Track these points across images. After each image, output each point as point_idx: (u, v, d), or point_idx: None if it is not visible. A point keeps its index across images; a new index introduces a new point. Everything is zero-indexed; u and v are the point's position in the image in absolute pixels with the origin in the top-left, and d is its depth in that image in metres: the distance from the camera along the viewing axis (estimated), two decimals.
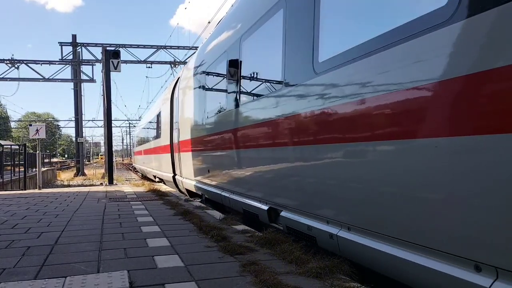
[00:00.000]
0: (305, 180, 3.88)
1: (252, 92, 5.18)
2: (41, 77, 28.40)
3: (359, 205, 3.05)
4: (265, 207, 4.84)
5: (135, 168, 33.29)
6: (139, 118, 47.55)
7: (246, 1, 5.87)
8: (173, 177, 11.61)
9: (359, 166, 3.00)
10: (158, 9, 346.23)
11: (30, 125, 12.28)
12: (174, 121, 11.51)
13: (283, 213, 4.37)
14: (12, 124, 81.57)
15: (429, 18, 2.30)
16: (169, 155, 11.96)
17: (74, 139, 33.82)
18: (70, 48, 27.47)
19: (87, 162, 54.37)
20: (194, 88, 8.62)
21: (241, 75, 5.52)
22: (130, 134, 44.21)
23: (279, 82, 4.32)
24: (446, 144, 2.23)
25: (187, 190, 10.02)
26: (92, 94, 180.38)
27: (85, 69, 30.11)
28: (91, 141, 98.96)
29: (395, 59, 2.58)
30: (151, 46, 28.24)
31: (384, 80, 2.68)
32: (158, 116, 15.30)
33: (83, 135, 32.85)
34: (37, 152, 12.12)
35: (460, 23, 2.10)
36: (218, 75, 6.75)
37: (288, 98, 4.09)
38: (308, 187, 3.83)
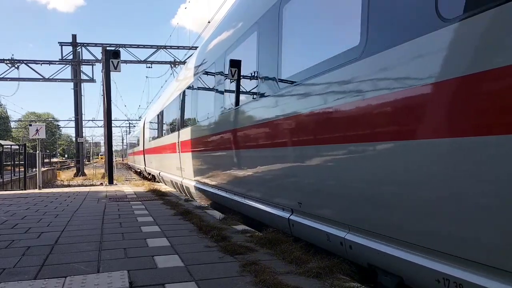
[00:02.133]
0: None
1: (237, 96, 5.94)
2: (41, 77, 28.39)
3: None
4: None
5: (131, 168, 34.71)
6: (139, 118, 47.54)
7: (230, 21, 6.69)
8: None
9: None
10: (160, 9, 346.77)
11: (30, 125, 12.28)
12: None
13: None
14: (12, 124, 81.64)
15: (348, 55, 3.17)
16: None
17: (74, 139, 33.81)
18: (70, 48, 27.47)
19: (87, 162, 54.40)
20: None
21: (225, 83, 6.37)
22: (131, 134, 44.24)
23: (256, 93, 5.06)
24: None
25: None
26: (92, 94, 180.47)
27: (85, 69, 30.15)
28: (91, 141, 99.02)
29: (328, 84, 3.44)
30: (151, 46, 28.23)
31: (321, 97, 3.56)
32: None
33: (83, 135, 32.85)
34: (37, 152, 12.12)
35: (366, 59, 2.94)
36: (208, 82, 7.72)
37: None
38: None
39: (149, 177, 18.12)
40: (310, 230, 3.86)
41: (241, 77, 5.82)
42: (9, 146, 20.60)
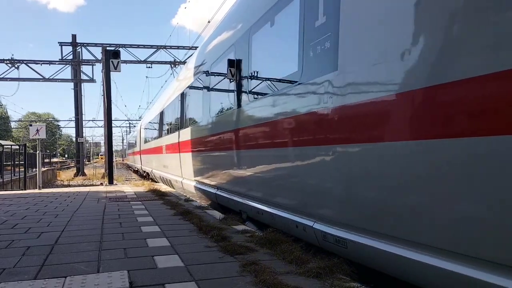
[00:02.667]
0: None
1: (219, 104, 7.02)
2: (41, 77, 28.38)
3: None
4: None
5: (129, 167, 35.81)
6: (139, 117, 47.54)
7: (214, 40, 7.68)
8: None
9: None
10: (161, 9, 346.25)
11: (30, 125, 12.28)
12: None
13: None
14: (12, 124, 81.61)
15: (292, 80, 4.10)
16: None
17: (74, 139, 33.79)
18: (70, 48, 27.46)
19: (87, 162, 54.39)
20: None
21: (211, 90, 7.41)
22: (129, 135, 44.93)
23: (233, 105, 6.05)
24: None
25: None
26: (92, 94, 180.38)
27: (85, 69, 30.13)
28: (91, 141, 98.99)
29: (278, 101, 4.40)
30: (151, 46, 28.22)
31: (273, 111, 4.51)
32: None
33: (83, 135, 32.84)
34: (37, 152, 12.12)
35: (302, 84, 3.85)
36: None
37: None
38: None
39: (144, 174, 21.13)
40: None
41: (221, 90, 6.85)
42: (9, 146, 20.60)
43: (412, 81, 2.49)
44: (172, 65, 28.70)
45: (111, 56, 12.49)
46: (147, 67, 28.92)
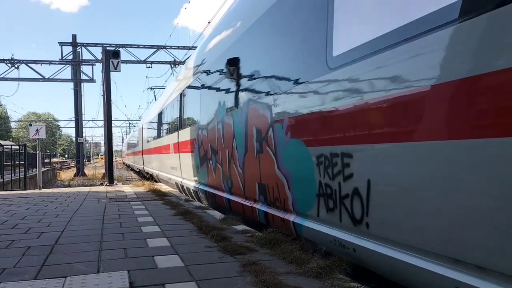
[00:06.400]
0: None
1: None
2: (41, 77, 28.35)
3: None
4: None
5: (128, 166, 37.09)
6: (139, 118, 47.55)
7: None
8: None
9: None
10: (163, 9, 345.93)
11: (30, 125, 12.28)
12: None
13: None
14: (12, 124, 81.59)
15: None
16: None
17: (74, 139, 33.77)
18: (70, 48, 27.45)
19: (87, 162, 54.35)
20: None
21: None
22: (128, 137, 45.90)
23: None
24: None
25: None
26: (92, 94, 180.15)
27: (85, 69, 30.10)
28: (91, 141, 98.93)
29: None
30: (151, 46, 28.21)
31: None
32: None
33: (83, 135, 32.83)
34: (37, 152, 12.12)
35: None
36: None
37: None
38: None
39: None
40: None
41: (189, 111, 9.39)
42: (9, 146, 20.60)
43: None
44: (172, 65, 28.70)
45: (111, 56, 12.49)
46: (147, 67, 28.91)
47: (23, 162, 16.71)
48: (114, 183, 13.60)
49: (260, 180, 4.87)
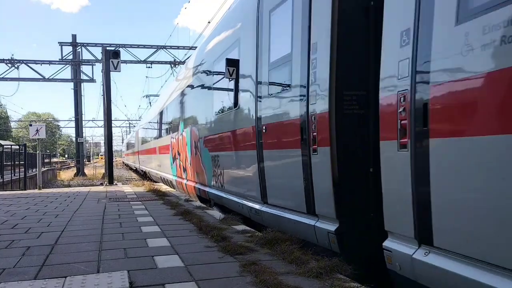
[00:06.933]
0: None
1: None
2: (41, 77, 28.36)
3: None
4: None
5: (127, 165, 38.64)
6: (139, 118, 47.65)
7: (155, 104, 16.99)
8: None
9: None
10: (163, 9, 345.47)
11: (30, 125, 12.27)
12: None
13: None
14: (12, 124, 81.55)
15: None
16: None
17: (74, 139, 33.78)
18: (70, 48, 27.46)
19: (87, 162, 54.30)
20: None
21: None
22: (127, 138, 48.41)
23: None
24: None
25: None
26: (92, 94, 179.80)
27: (85, 69, 30.10)
28: (91, 141, 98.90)
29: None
30: (151, 46, 28.21)
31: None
32: None
33: (83, 135, 32.83)
34: (37, 152, 12.12)
35: None
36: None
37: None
38: None
39: (141, 173, 25.32)
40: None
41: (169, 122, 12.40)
42: (9, 146, 20.59)
43: None
44: (172, 65, 28.70)
45: (111, 56, 12.48)
46: (147, 67, 28.94)
47: (23, 162, 16.70)
48: (114, 183, 13.60)
49: (196, 171, 8.32)
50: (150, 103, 34.49)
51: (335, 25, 3.30)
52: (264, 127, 4.50)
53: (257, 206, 4.91)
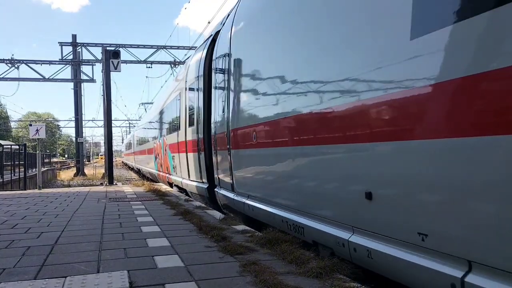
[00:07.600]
0: None
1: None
2: (41, 77, 28.38)
3: None
4: None
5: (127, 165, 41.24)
6: (139, 118, 47.76)
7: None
8: None
9: None
10: (163, 9, 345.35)
11: (30, 125, 12.28)
12: None
13: None
14: (12, 124, 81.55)
15: None
16: None
17: (74, 139, 33.79)
18: (70, 48, 27.47)
19: (87, 162, 54.30)
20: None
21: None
22: (126, 139, 51.28)
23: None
24: None
25: None
26: (92, 94, 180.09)
27: (85, 69, 30.15)
28: (91, 141, 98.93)
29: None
30: (151, 46, 28.23)
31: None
32: None
33: (83, 135, 32.83)
34: (37, 152, 12.12)
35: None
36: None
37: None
38: None
39: (136, 170, 29.73)
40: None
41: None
42: (9, 146, 20.59)
43: None
44: (172, 65, 28.72)
45: (111, 56, 12.49)
46: (147, 67, 28.95)
47: (23, 162, 16.70)
48: (114, 183, 13.61)
49: (168, 165, 12.09)
50: (145, 109, 39.03)
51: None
52: (187, 141, 8.98)
53: (179, 179, 10.24)
